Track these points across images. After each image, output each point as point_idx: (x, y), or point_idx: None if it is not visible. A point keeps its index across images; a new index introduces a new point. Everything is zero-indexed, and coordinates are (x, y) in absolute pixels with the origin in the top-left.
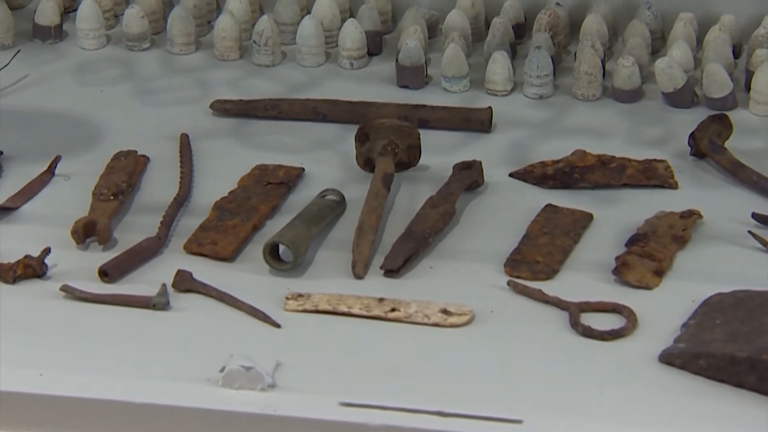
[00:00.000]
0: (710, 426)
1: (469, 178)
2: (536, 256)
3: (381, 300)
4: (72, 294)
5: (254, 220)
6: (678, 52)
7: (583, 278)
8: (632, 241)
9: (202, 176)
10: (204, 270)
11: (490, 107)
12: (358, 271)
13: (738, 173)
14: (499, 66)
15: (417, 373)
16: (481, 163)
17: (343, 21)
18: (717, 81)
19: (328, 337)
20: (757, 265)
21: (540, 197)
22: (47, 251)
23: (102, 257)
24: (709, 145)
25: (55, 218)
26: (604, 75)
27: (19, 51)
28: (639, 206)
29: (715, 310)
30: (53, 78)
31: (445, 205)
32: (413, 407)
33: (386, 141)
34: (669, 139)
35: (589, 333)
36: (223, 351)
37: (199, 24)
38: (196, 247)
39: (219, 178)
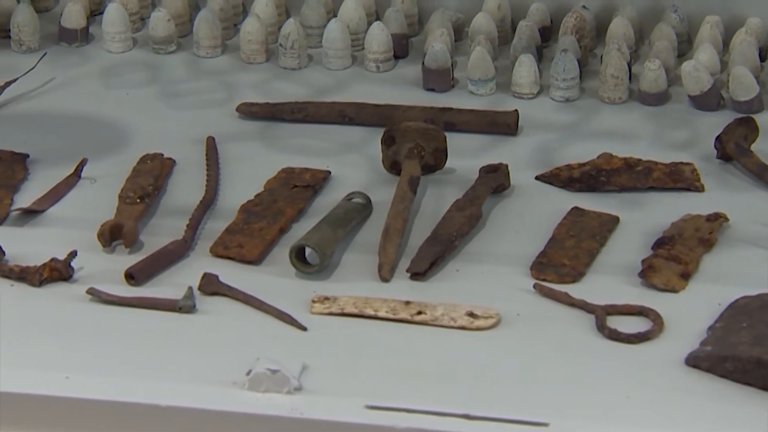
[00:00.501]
0: (736, 429)
1: (495, 181)
2: (562, 259)
3: (407, 303)
4: (98, 297)
5: (280, 223)
6: (704, 55)
7: (609, 281)
8: (658, 244)
9: (229, 179)
10: (230, 273)
11: (516, 110)
12: (385, 274)
13: (764, 176)
14: (525, 69)
15: (443, 375)
16: (507, 166)
17: (370, 24)
18: (743, 84)
19: (354, 340)
20: None
21: (566, 200)
22: (73, 254)
23: (128, 260)
24: (735, 148)
25: (82, 221)
26: (630, 78)
27: (45, 54)
28: (665, 209)
29: (742, 313)
30: (79, 81)
31: (472, 208)
32: (439, 410)
33: (412, 144)
34: (695, 142)
35: (615, 336)
36: (250, 354)
37: (226, 27)
38: (222, 250)
39: (245, 181)
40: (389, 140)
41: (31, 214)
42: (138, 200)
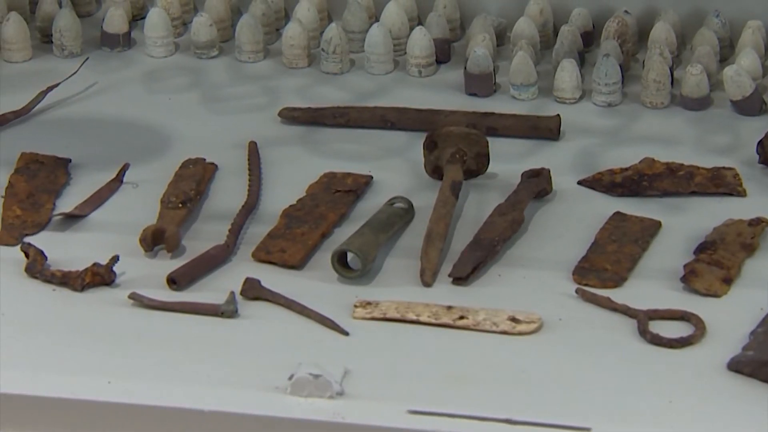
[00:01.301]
0: None
1: (537, 185)
2: (604, 264)
3: (449, 308)
4: (140, 302)
5: (322, 227)
6: (746, 59)
7: (651, 286)
8: (700, 249)
9: (271, 184)
10: (272, 278)
11: (558, 115)
12: (427, 278)
13: None
14: (567, 74)
15: (485, 380)
16: (549, 170)
17: (412, 29)
18: None
19: (396, 345)
20: None
21: (608, 205)
22: (116, 259)
23: (170, 265)
24: None
25: (124, 226)
26: (672, 83)
27: (87, 59)
28: (707, 214)
29: None
30: (121, 86)
31: (514, 212)
32: (481, 415)
33: (454, 149)
34: (737, 147)
35: (657, 341)
36: (292, 359)
37: (268, 32)
38: (264, 254)
39: (287, 185)
40: (431, 145)
41: (73, 218)
42: (180, 205)
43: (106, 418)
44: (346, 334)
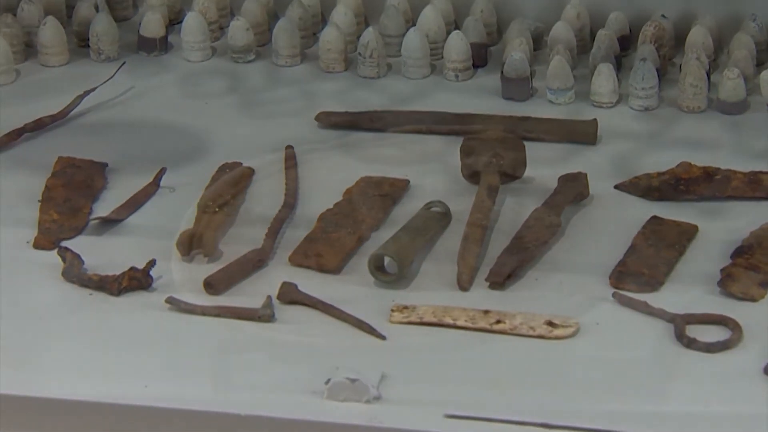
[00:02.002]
0: None
1: (574, 190)
2: (641, 268)
3: (486, 312)
4: (177, 306)
5: (359, 232)
6: None
7: (688, 290)
8: (737, 253)
9: (307, 188)
10: (309, 282)
11: (595, 119)
12: (464, 283)
13: None
14: (604, 78)
15: (522, 384)
16: (586, 175)
17: (448, 33)
18: None
19: (433, 349)
20: None
21: (645, 209)
22: (152, 263)
23: (207, 269)
24: None
25: (161, 230)
26: (709, 87)
27: (124, 63)
28: (744, 218)
29: None
30: (158, 90)
31: (551, 217)
32: (518, 419)
33: (491, 153)
34: None
35: (694, 345)
36: (329, 363)
37: (304, 36)
38: (301, 259)
39: (324, 190)
40: (468, 149)
41: (110, 223)
42: (217, 209)
43: (143, 422)
44: (383, 338)
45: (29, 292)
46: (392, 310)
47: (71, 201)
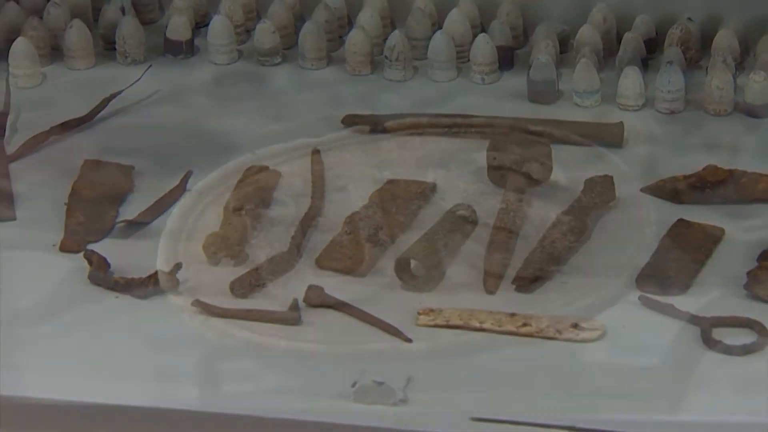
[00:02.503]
0: None
1: (600, 193)
2: (668, 271)
3: (512, 315)
4: (203, 309)
5: (386, 235)
6: None
7: (714, 293)
8: (763, 256)
9: (334, 191)
10: (335, 285)
11: (621, 122)
12: (490, 286)
13: None
14: (630, 81)
15: (548, 388)
16: (612, 177)
17: (475, 36)
18: None
19: (460, 352)
20: None
21: (671, 212)
22: (179, 266)
23: (233, 272)
24: None
25: (187, 233)
26: (735, 90)
27: (150, 66)
28: None
29: None
30: (184, 93)
31: (577, 220)
32: (545, 422)
33: (517, 156)
34: None
35: (721, 348)
36: (355, 366)
37: (331, 39)
38: (327, 262)
39: (350, 193)
40: (495, 152)
41: (136, 226)
42: (243, 212)
43: (170, 425)
44: (410, 341)
45: (55, 295)
46: (418, 313)
47: (98, 204)
